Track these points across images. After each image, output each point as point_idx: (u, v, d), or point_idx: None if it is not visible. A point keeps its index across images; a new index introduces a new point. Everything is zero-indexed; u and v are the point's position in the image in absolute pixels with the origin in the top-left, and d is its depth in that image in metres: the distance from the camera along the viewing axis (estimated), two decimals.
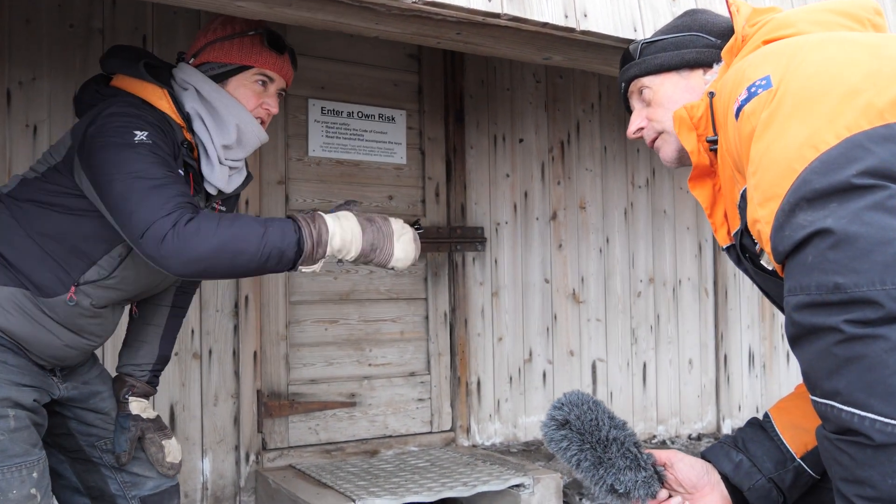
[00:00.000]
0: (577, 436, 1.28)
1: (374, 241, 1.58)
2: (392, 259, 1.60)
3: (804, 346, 0.99)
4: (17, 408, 1.62)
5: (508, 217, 3.91)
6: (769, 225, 1.03)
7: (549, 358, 4.00)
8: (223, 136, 1.73)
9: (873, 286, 0.92)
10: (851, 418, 0.94)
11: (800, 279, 0.99)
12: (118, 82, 1.73)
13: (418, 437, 3.64)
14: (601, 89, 4.22)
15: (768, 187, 1.04)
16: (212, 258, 1.45)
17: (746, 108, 1.11)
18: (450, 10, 1.91)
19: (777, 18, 1.29)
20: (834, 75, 1.04)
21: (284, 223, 1.52)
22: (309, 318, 3.45)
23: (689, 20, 1.46)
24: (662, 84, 1.42)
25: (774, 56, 1.14)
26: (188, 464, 3.10)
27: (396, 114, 3.66)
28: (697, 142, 1.32)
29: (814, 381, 0.99)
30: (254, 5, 1.76)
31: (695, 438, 4.34)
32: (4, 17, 2.84)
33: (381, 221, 1.61)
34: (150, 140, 1.56)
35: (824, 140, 0.99)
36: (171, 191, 1.51)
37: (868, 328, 0.92)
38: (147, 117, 1.62)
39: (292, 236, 1.50)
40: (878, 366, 0.91)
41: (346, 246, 1.56)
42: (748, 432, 1.38)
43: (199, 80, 1.74)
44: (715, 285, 4.49)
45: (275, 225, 1.51)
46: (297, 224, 1.53)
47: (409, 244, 1.62)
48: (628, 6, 2.23)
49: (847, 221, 0.94)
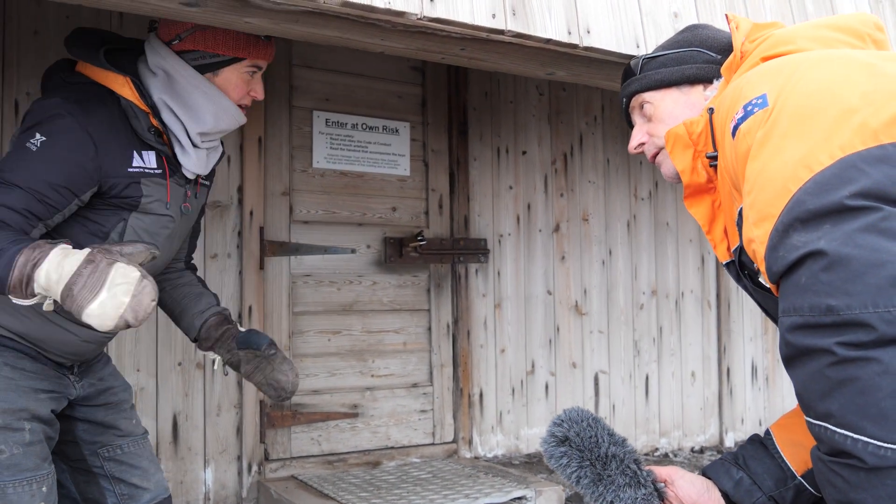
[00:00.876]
0: (577, 452, 1.29)
1: (74, 284, 1.36)
2: (83, 311, 1.36)
3: (798, 368, 0.99)
4: (33, 420, 1.62)
5: (511, 229, 3.93)
6: (764, 245, 1.04)
7: (552, 370, 4.00)
8: (198, 124, 1.70)
9: (866, 308, 0.91)
10: (844, 441, 0.94)
11: (793, 300, 0.99)
12: (82, 68, 1.69)
13: (420, 448, 3.64)
14: (604, 102, 4.24)
15: (763, 207, 1.04)
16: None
17: (742, 126, 1.11)
18: (454, 26, 1.92)
19: (776, 35, 1.28)
20: (829, 94, 1.04)
21: (15, 250, 1.41)
22: (312, 328, 3.46)
23: (690, 35, 1.46)
24: (663, 99, 1.43)
25: (771, 74, 1.14)
26: (190, 474, 3.11)
27: (400, 126, 3.68)
28: (693, 159, 1.31)
29: (807, 403, 0.99)
30: (262, 21, 1.78)
31: (697, 451, 4.34)
32: (13, 28, 2.87)
33: (103, 266, 1.38)
34: (38, 146, 1.52)
35: (818, 160, 0.99)
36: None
37: (860, 351, 0.92)
38: (65, 119, 1.56)
39: (8, 263, 1.40)
40: (870, 389, 0.91)
41: (50, 286, 1.39)
42: (749, 449, 1.37)
43: (174, 64, 1.68)
44: (718, 298, 4.49)
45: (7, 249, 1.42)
46: (19, 253, 1.41)
47: (116, 299, 1.36)
48: (631, 22, 2.25)
49: (840, 243, 0.94)
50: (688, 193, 1.35)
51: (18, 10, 2.87)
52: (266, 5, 1.73)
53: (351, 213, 3.55)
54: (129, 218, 1.67)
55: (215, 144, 1.83)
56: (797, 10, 2.62)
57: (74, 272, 1.38)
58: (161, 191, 1.70)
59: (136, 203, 1.67)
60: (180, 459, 3.10)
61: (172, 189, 1.74)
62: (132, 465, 1.87)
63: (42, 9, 2.91)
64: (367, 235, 3.58)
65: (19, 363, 1.63)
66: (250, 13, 1.74)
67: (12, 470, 1.57)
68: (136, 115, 1.65)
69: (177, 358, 3.10)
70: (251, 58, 1.74)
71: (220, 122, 1.73)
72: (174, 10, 1.69)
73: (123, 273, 1.38)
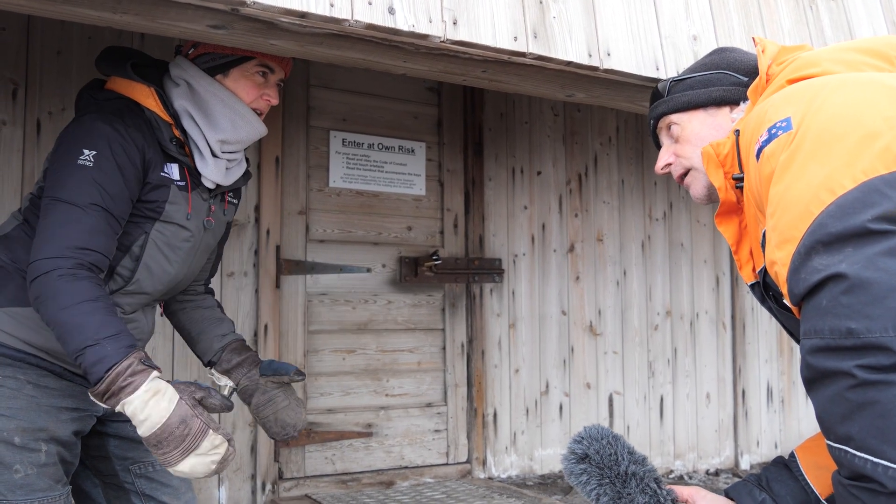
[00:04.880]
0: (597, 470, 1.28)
1: (164, 442, 1.46)
2: (171, 467, 1.48)
3: (818, 390, 0.99)
4: (51, 442, 1.62)
5: (526, 249, 3.93)
6: (786, 267, 1.04)
7: (566, 390, 3.98)
8: (217, 131, 1.71)
9: (886, 332, 0.91)
10: (865, 464, 0.93)
11: (814, 323, 0.99)
12: (111, 85, 1.73)
13: (434, 468, 3.62)
14: (619, 123, 4.25)
15: (785, 229, 1.04)
16: (47, 322, 1.50)
17: (766, 149, 1.11)
18: (477, 49, 1.94)
19: (802, 57, 1.29)
20: (852, 118, 1.04)
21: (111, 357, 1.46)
22: (327, 347, 3.46)
23: (718, 58, 1.48)
24: (690, 121, 1.44)
25: (795, 97, 1.14)
26: (205, 493, 3.10)
27: (416, 146, 3.70)
28: (724, 178, 1.33)
29: (828, 426, 0.99)
30: (287, 44, 1.80)
31: (712, 474, 4.30)
32: (36, 48, 2.91)
33: (195, 431, 1.48)
34: (92, 161, 1.56)
35: (841, 184, 0.99)
36: (78, 231, 1.51)
37: (881, 374, 0.91)
38: (109, 132, 1.59)
39: (100, 371, 1.45)
40: (890, 412, 0.90)
41: (135, 422, 1.47)
42: (773, 471, 1.36)
43: (193, 74, 1.72)
44: (733, 319, 4.47)
45: (105, 348, 1.46)
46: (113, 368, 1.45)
47: (205, 466, 1.49)
48: (650, 45, 2.27)
49: (861, 267, 0.94)
50: (720, 211, 1.36)
51: (42, 30, 2.92)
52: (292, 28, 1.75)
53: (366, 233, 3.56)
54: (151, 231, 1.68)
55: (237, 157, 1.83)
56: (815, 33, 2.64)
57: (163, 425, 1.45)
58: (183, 201, 1.72)
59: (161, 209, 1.68)
60: None
61: (194, 201, 1.75)
62: (163, 482, 1.87)
63: (65, 29, 2.95)
64: (382, 255, 3.59)
65: (42, 381, 1.63)
66: (276, 36, 1.76)
67: (25, 490, 1.57)
68: (159, 127, 1.67)
69: (193, 376, 3.11)
70: (259, 56, 1.75)
71: (238, 129, 1.74)
72: (202, 33, 1.72)
73: (212, 442, 1.48)
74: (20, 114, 2.87)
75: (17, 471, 1.57)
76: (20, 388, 1.61)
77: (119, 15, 1.66)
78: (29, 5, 1.64)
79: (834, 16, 2.69)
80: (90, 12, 1.65)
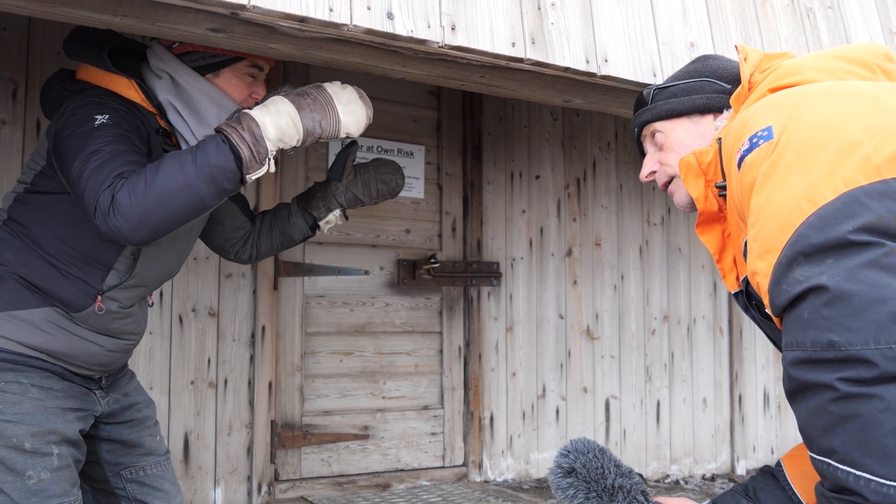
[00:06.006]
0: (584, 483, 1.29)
1: (314, 114, 1.45)
2: (341, 126, 1.47)
3: (800, 402, 0.99)
4: (62, 444, 1.60)
5: (524, 252, 3.94)
6: (767, 278, 1.03)
7: (563, 394, 3.99)
8: (205, 127, 1.69)
9: (867, 345, 0.91)
10: (847, 477, 0.93)
11: (796, 335, 0.98)
12: (84, 74, 1.68)
13: (430, 471, 3.63)
14: (617, 128, 4.26)
15: (767, 240, 1.04)
16: (159, 209, 1.40)
17: (748, 158, 1.11)
18: (475, 54, 1.95)
19: (784, 66, 1.28)
20: (833, 128, 1.03)
21: (210, 139, 1.44)
22: (324, 349, 3.47)
23: (701, 66, 1.47)
24: (674, 129, 1.44)
25: (777, 106, 1.14)
26: (201, 493, 3.11)
27: (415, 149, 3.71)
28: (705, 188, 1.31)
29: (810, 438, 0.99)
30: (286, 48, 1.81)
31: (708, 479, 4.30)
32: (36, 48, 2.92)
33: (314, 91, 1.49)
34: (110, 121, 1.53)
35: (822, 194, 0.98)
36: (116, 162, 1.46)
37: (862, 387, 0.91)
38: (110, 103, 1.58)
39: (224, 147, 1.42)
40: (872, 425, 0.90)
41: (285, 132, 1.45)
42: (760, 481, 1.36)
43: (178, 69, 1.68)
44: (730, 324, 4.48)
45: (201, 146, 1.44)
46: (224, 133, 1.44)
47: (355, 103, 1.50)
48: (648, 52, 2.28)
49: (842, 279, 0.93)
50: (700, 221, 1.35)
51: (43, 30, 2.93)
52: (291, 32, 1.76)
53: (365, 235, 3.57)
54: None
55: None
56: (812, 40, 2.65)
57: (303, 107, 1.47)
58: None
59: None
60: (191, 478, 3.10)
61: None
62: (154, 487, 1.87)
63: (66, 30, 2.95)
64: (380, 257, 3.60)
65: (46, 383, 1.62)
66: (275, 40, 1.77)
67: (40, 496, 1.54)
68: (144, 117, 1.66)
69: (189, 377, 3.12)
70: (251, 56, 1.75)
71: None
72: (202, 36, 1.72)
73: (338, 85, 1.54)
74: (20, 114, 2.88)
75: (31, 477, 1.54)
76: (25, 391, 1.58)
77: (119, 18, 1.66)
78: (29, 7, 1.65)
79: (831, 24, 2.70)
80: (90, 14, 1.66)
